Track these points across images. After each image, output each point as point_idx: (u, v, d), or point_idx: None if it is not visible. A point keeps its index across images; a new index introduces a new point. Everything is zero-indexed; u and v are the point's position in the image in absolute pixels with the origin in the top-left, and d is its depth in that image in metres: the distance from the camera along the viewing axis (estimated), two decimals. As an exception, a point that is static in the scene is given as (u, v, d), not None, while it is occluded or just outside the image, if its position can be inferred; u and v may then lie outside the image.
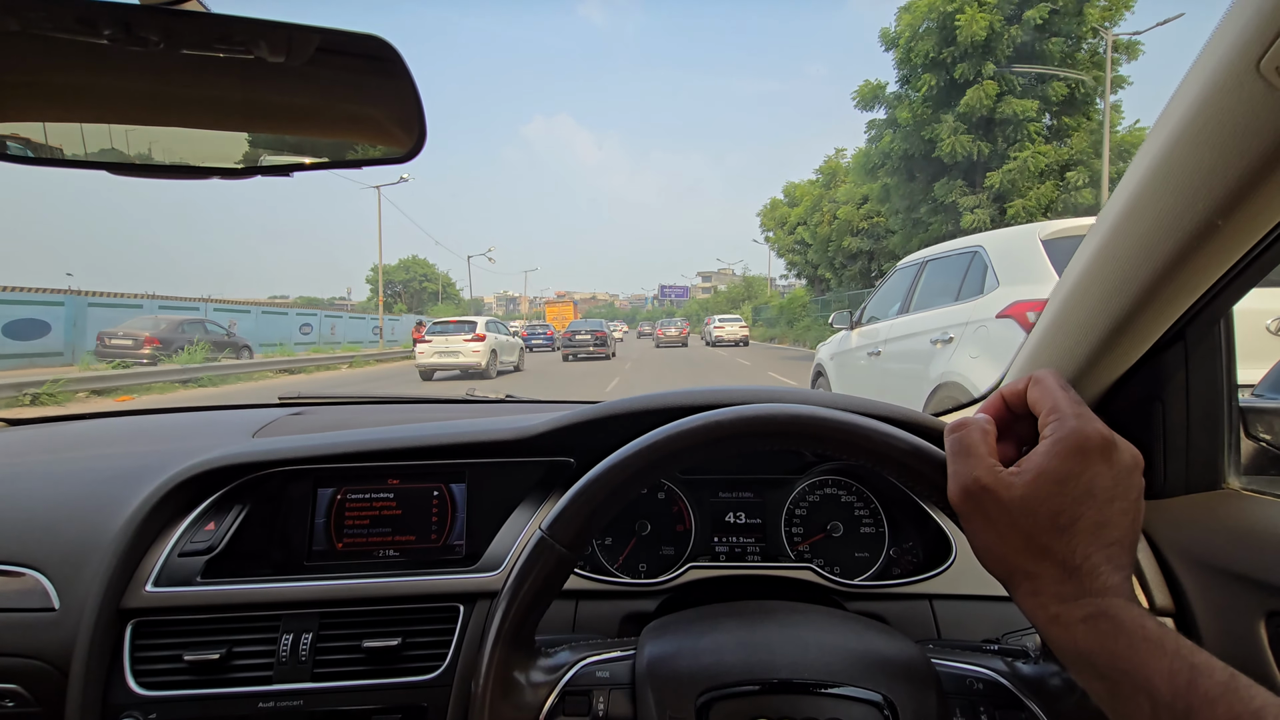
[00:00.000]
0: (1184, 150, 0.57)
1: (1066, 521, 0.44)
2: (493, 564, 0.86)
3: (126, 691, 0.76)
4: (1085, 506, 0.44)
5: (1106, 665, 0.42)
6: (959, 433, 0.50)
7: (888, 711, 0.52)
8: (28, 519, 0.88)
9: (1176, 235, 0.60)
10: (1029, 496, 0.45)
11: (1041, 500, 0.45)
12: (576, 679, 0.55)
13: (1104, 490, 0.45)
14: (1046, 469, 0.45)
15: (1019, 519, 0.45)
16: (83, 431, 1.27)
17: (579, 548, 0.55)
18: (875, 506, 0.98)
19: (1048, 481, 0.45)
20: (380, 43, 0.55)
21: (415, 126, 0.59)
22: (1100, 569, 0.44)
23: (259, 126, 0.65)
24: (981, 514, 0.47)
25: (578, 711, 0.54)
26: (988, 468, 0.47)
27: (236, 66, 0.63)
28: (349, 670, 0.79)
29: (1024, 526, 0.45)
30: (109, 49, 0.61)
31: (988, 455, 0.48)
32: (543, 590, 0.54)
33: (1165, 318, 0.71)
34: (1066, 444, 0.45)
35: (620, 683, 0.55)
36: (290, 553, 0.90)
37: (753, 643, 0.56)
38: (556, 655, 0.57)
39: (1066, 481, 0.45)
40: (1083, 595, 0.44)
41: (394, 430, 0.98)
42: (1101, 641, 0.42)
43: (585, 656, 0.57)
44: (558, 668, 0.56)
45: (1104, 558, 0.44)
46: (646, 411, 0.90)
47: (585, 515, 0.55)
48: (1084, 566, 0.44)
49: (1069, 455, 0.45)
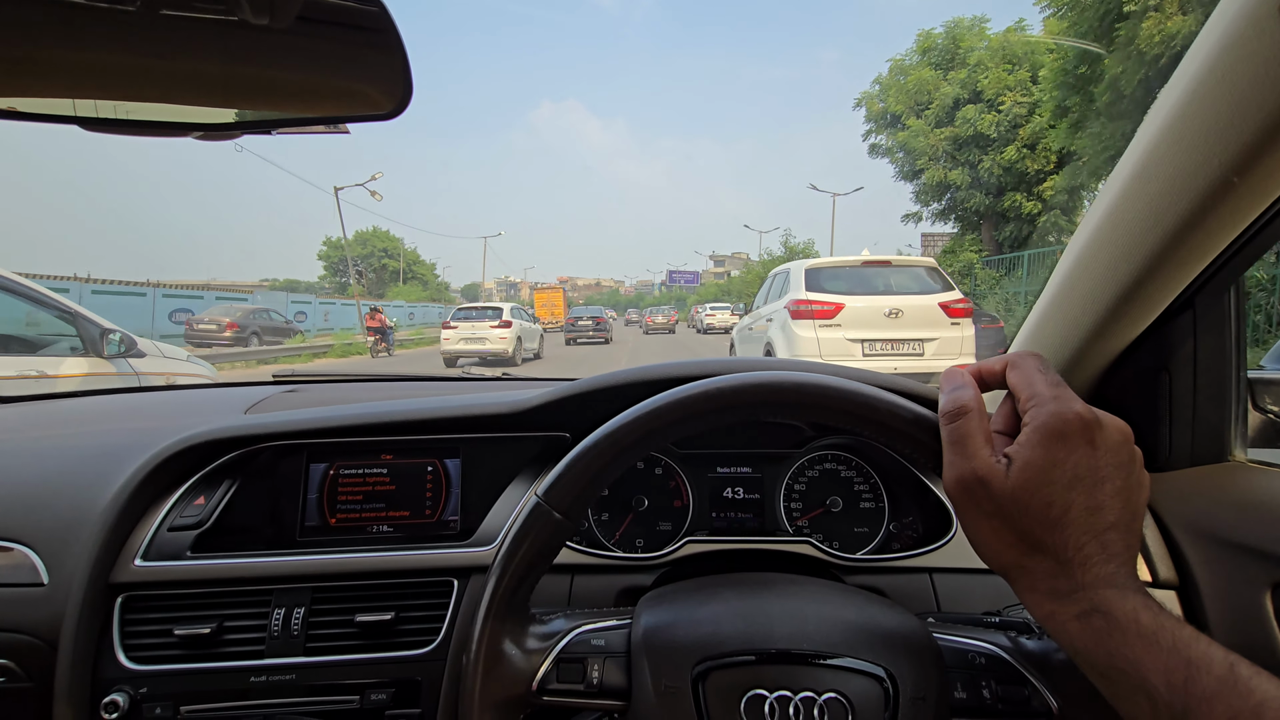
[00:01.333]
0: (1199, 105, 0.55)
1: (1058, 513, 0.43)
2: (487, 538, 0.85)
3: (116, 665, 0.76)
4: (1075, 493, 0.43)
5: (1104, 663, 0.41)
6: (956, 422, 0.48)
7: (888, 684, 0.51)
8: (16, 494, 0.87)
9: (1189, 195, 0.58)
10: (1018, 489, 0.44)
11: (1031, 493, 0.43)
12: (571, 647, 0.54)
13: (1091, 473, 0.43)
14: (1031, 460, 0.44)
15: (1011, 513, 0.44)
16: (75, 408, 1.26)
17: (575, 516, 0.54)
18: (875, 481, 0.97)
19: (1034, 473, 0.44)
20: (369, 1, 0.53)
21: (401, 83, 0.57)
22: (1093, 559, 0.43)
23: (241, 84, 0.62)
24: (976, 506, 0.46)
25: (572, 679, 0.53)
26: (984, 460, 0.45)
27: (218, 27, 0.61)
28: (342, 644, 0.78)
29: (1017, 522, 0.44)
30: (88, 9, 0.59)
31: (983, 445, 0.46)
32: (537, 558, 0.53)
33: (1174, 285, 0.69)
34: (1046, 431, 0.44)
35: (615, 651, 0.54)
36: (282, 529, 0.89)
37: (751, 613, 0.55)
38: (551, 623, 0.56)
39: (1052, 470, 0.43)
40: (1077, 589, 0.43)
41: (387, 405, 0.96)
42: (1097, 639, 0.41)
43: (580, 624, 0.56)
44: (552, 635, 0.55)
45: (1098, 546, 0.43)
46: (643, 383, 0.89)
47: (582, 482, 0.53)
48: (1076, 559, 0.43)
49: (1050, 442, 0.44)
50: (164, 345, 3.92)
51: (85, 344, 3.33)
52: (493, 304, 15.59)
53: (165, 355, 3.78)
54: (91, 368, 3.32)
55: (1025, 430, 0.45)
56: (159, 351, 3.74)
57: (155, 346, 3.73)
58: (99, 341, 3.32)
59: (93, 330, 3.34)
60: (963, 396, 0.48)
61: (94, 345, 3.32)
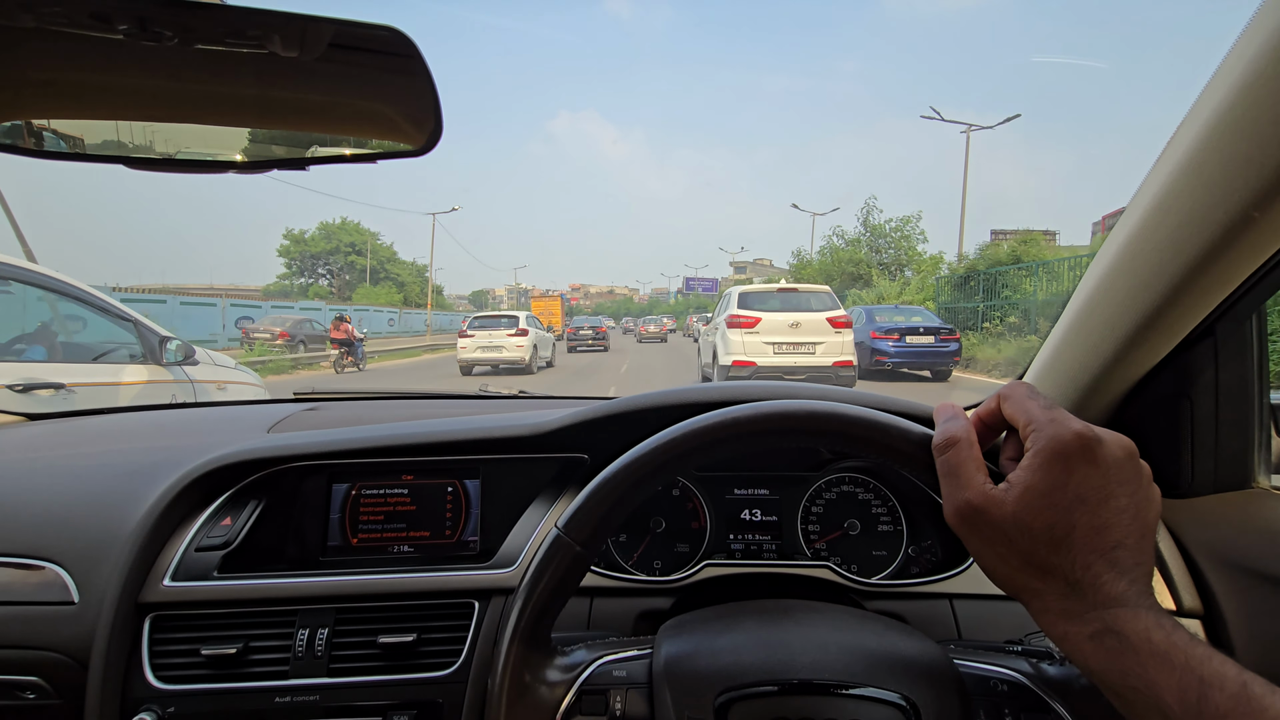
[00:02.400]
0: (1219, 141, 0.55)
1: (1062, 533, 0.43)
2: (507, 560, 0.85)
3: (145, 685, 0.77)
4: (1078, 514, 0.43)
5: (1118, 683, 0.41)
6: (946, 454, 0.48)
7: (910, 713, 0.51)
8: (47, 513, 0.89)
9: (1209, 229, 0.58)
10: (1020, 514, 0.44)
11: (1034, 515, 0.44)
12: (593, 678, 0.54)
13: (1095, 492, 0.43)
14: (1032, 484, 0.44)
15: (1015, 538, 0.44)
16: (101, 426, 1.28)
17: (594, 546, 0.55)
18: (893, 504, 0.97)
19: (1035, 496, 0.44)
20: (397, 35, 0.54)
21: (431, 120, 0.58)
22: (1103, 578, 0.43)
23: (274, 121, 0.64)
24: (978, 535, 0.46)
25: (594, 711, 0.53)
26: (977, 488, 0.46)
27: (251, 60, 0.63)
28: (365, 666, 0.79)
29: (1021, 545, 0.44)
30: (124, 45, 0.61)
31: (976, 473, 0.47)
32: (558, 589, 0.54)
33: (1196, 313, 0.69)
34: (1045, 454, 0.44)
35: (637, 682, 0.54)
36: (305, 548, 0.90)
37: (771, 642, 0.55)
38: (573, 654, 0.57)
39: (1053, 493, 0.44)
40: (1089, 610, 0.43)
41: (408, 426, 0.98)
42: (1110, 659, 0.41)
43: (602, 655, 0.56)
44: (574, 667, 0.55)
45: (1106, 564, 0.43)
46: (659, 408, 0.90)
47: (600, 513, 0.54)
48: (1085, 578, 0.43)
49: (1051, 465, 0.44)
50: (215, 354, 3.97)
51: (145, 352, 3.40)
52: (509, 312, 15.63)
53: (216, 364, 3.86)
54: (151, 375, 3.38)
55: (1026, 455, 0.46)
56: (211, 360, 3.80)
57: (208, 355, 3.79)
58: (158, 350, 3.39)
59: (152, 338, 3.41)
60: (952, 428, 0.49)
61: (153, 353, 3.39)
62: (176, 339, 3.51)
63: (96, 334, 3.53)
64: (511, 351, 14.33)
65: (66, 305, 3.29)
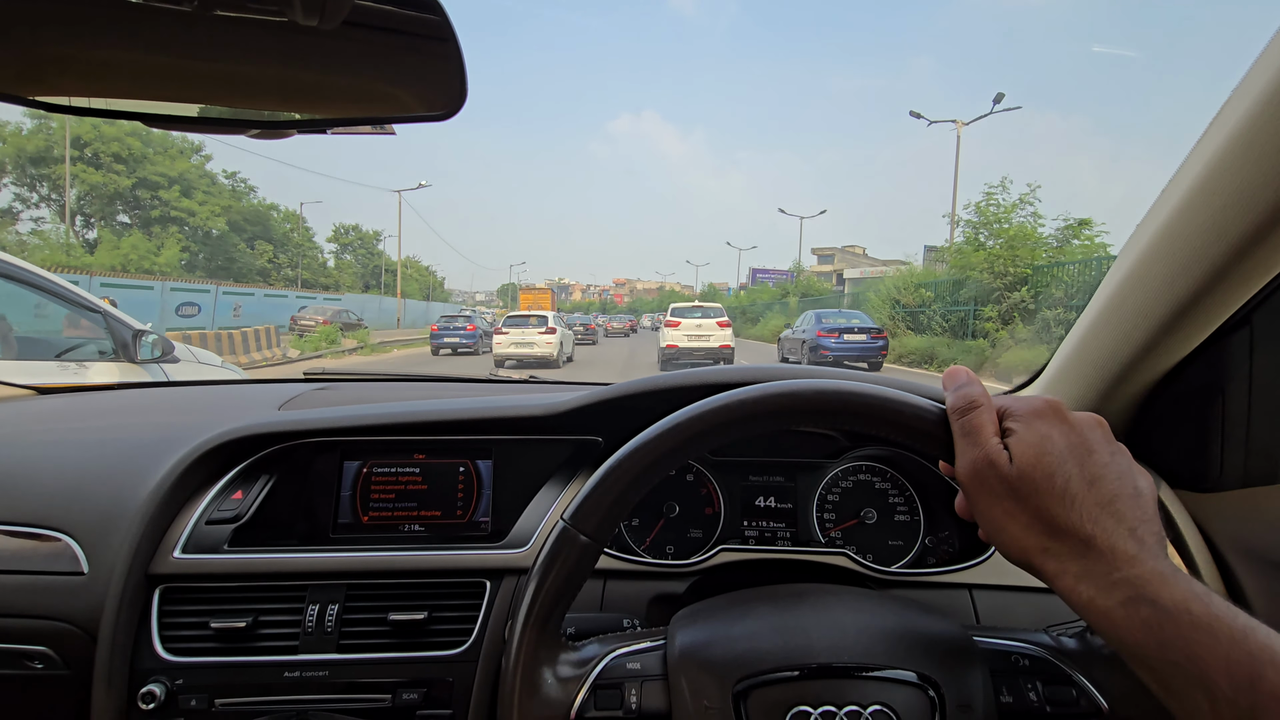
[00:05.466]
0: (1270, 118, 0.53)
1: (1062, 484, 0.44)
2: (519, 541, 0.85)
3: (154, 656, 0.76)
4: (1071, 464, 0.45)
5: (1156, 657, 0.39)
6: (968, 415, 0.49)
7: (932, 692, 0.50)
8: (58, 484, 0.89)
9: (1257, 209, 0.56)
10: (1023, 466, 0.45)
11: (1034, 466, 0.45)
12: (607, 672, 0.53)
13: (1077, 445, 0.46)
14: (1024, 437, 0.46)
15: (1022, 492, 0.45)
16: (111, 401, 1.28)
17: (603, 537, 0.53)
18: (910, 494, 0.96)
19: (1031, 449, 0.46)
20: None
21: (457, 83, 0.57)
22: (1112, 533, 0.42)
23: (295, 83, 0.63)
24: (989, 492, 0.47)
25: (609, 705, 0.51)
26: (993, 445, 0.47)
27: (272, 27, 0.62)
28: (375, 642, 0.78)
29: (1029, 501, 0.45)
30: (145, 11, 0.60)
31: (993, 435, 0.48)
32: (567, 582, 0.53)
33: (1233, 301, 0.67)
34: (1026, 415, 0.48)
35: (652, 674, 0.53)
36: (316, 524, 0.89)
37: (788, 627, 0.54)
38: (585, 648, 0.55)
39: (1045, 442, 0.46)
40: (1113, 572, 0.41)
41: (421, 404, 0.97)
42: (1147, 630, 0.39)
43: (615, 648, 0.55)
44: (586, 661, 0.54)
45: (1111, 518, 0.43)
46: (672, 389, 0.88)
47: (608, 504, 0.53)
48: (1096, 533, 0.42)
49: (1034, 420, 0.47)
50: (198, 350, 3.62)
51: (117, 347, 3.03)
52: (540, 312, 17.44)
53: (199, 361, 3.52)
54: (123, 374, 2.98)
55: (1008, 422, 0.48)
56: (193, 356, 3.48)
57: (189, 351, 3.48)
58: (131, 345, 3.02)
59: (124, 332, 3.03)
60: (972, 392, 0.50)
61: (126, 349, 3.02)
62: (153, 333, 3.13)
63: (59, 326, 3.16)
64: (542, 348, 15.82)
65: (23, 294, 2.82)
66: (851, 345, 15.09)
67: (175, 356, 3.26)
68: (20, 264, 2.78)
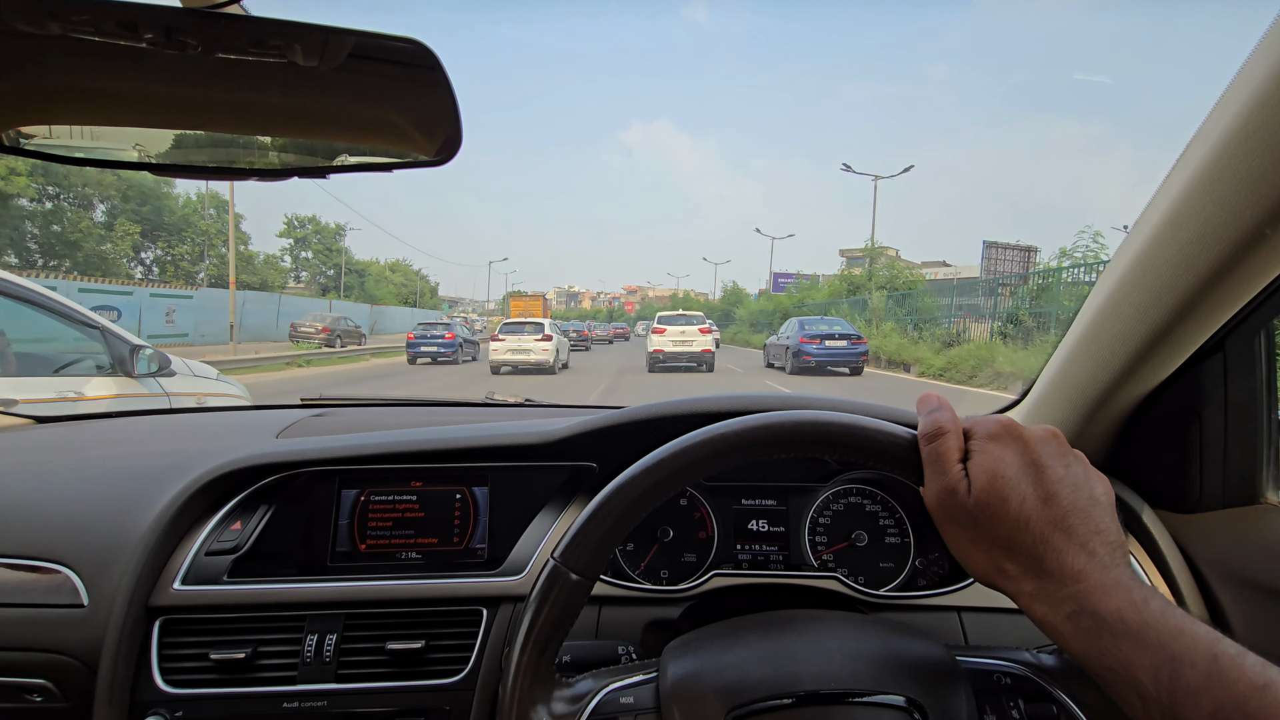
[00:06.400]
0: (1231, 157, 0.56)
1: (1016, 507, 0.46)
2: (516, 568, 0.86)
3: (154, 689, 0.77)
4: (1025, 484, 0.46)
5: (1096, 663, 0.42)
6: (934, 442, 0.50)
7: (918, 715, 0.51)
8: (57, 515, 0.89)
9: (1221, 245, 0.59)
10: (979, 494, 0.47)
11: (989, 492, 0.46)
12: (601, 707, 0.54)
13: (1031, 464, 0.47)
14: (980, 463, 0.48)
15: (981, 519, 0.47)
16: (109, 430, 1.29)
17: (593, 573, 0.54)
18: (900, 516, 0.97)
19: (986, 476, 0.47)
20: (418, 47, 0.55)
21: (451, 131, 0.59)
22: (1063, 551, 0.44)
23: (295, 130, 0.65)
24: (951, 519, 0.49)
25: None
26: (955, 474, 0.49)
27: (273, 70, 0.64)
28: (373, 672, 0.79)
29: (987, 527, 0.47)
30: (148, 54, 0.62)
31: (956, 463, 0.49)
32: (559, 621, 0.54)
33: (1205, 328, 0.70)
34: (983, 438, 0.49)
35: (645, 707, 0.54)
36: (314, 553, 0.90)
37: (777, 655, 0.55)
38: (578, 685, 0.56)
39: (999, 464, 0.47)
40: (1059, 588, 0.44)
41: (417, 432, 0.98)
42: (1088, 640, 0.42)
43: (608, 683, 0.56)
44: (580, 698, 0.54)
45: (1062, 535, 0.45)
46: (668, 418, 0.90)
47: (596, 541, 0.54)
48: (1045, 553, 0.44)
49: (989, 446, 0.48)
50: (194, 363, 3.61)
51: (114, 362, 3.03)
52: (535, 319, 17.40)
53: (196, 374, 3.52)
54: (120, 388, 3.00)
55: (970, 444, 0.49)
56: (189, 370, 3.48)
57: (186, 365, 3.47)
58: (129, 359, 3.03)
59: (122, 347, 3.03)
60: (940, 418, 0.51)
61: (123, 364, 3.02)
62: (150, 347, 3.14)
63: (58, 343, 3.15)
64: (538, 355, 15.86)
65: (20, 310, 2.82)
66: (833, 351, 15.61)
67: (172, 370, 3.27)
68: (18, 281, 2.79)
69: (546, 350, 15.81)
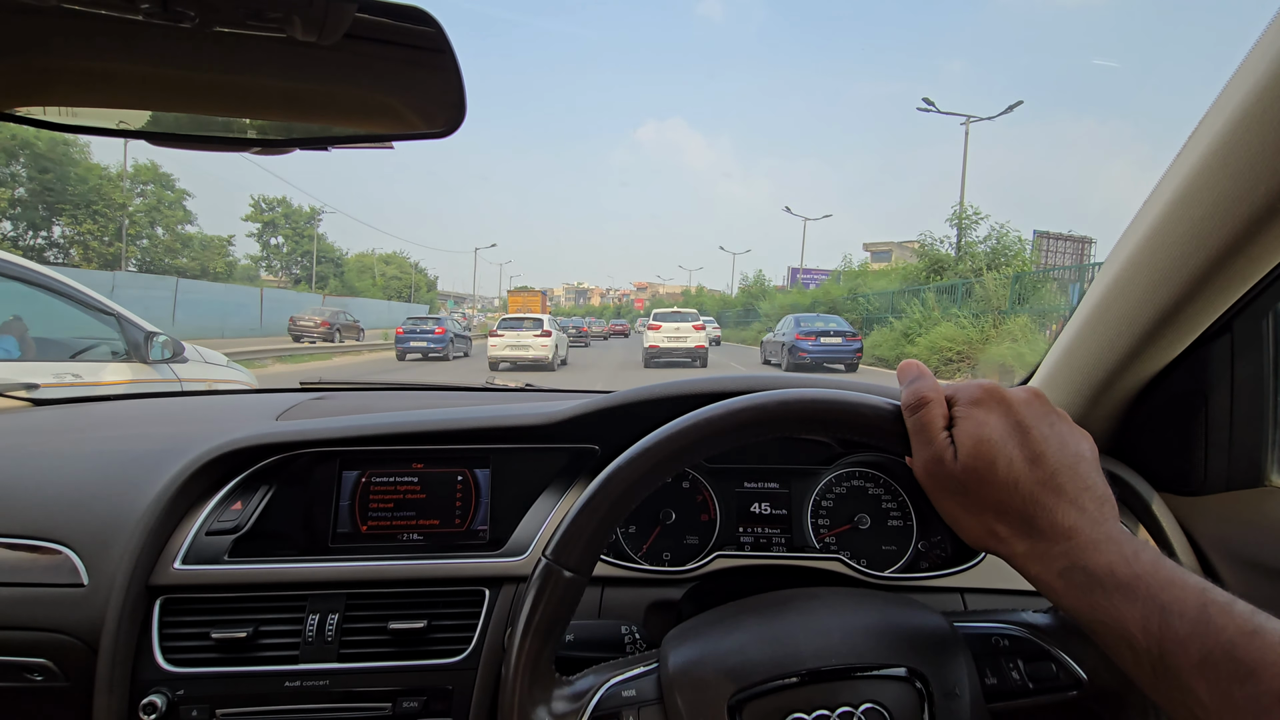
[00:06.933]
0: (1245, 132, 0.55)
1: (1004, 469, 0.46)
2: (518, 549, 0.85)
3: (155, 667, 0.77)
4: (1012, 446, 0.46)
5: (1089, 618, 0.42)
6: (918, 412, 0.50)
7: (920, 684, 0.52)
8: (57, 496, 0.89)
9: (1233, 221, 0.58)
10: (966, 459, 0.47)
11: (977, 457, 0.46)
12: (603, 702, 0.53)
13: (1015, 426, 0.47)
14: (966, 429, 0.48)
15: (970, 484, 0.47)
16: (108, 413, 1.28)
17: (585, 569, 0.54)
18: (903, 499, 0.97)
19: (972, 441, 0.47)
20: (420, 13, 0.54)
21: (456, 102, 0.58)
22: (1054, 510, 0.44)
23: (295, 102, 0.64)
24: (943, 488, 0.49)
25: None
26: (941, 442, 0.49)
27: (271, 43, 0.63)
28: (375, 651, 0.79)
29: (977, 492, 0.47)
30: (145, 27, 0.61)
31: (941, 431, 0.49)
32: (555, 618, 0.53)
33: (1214, 309, 0.69)
34: (967, 404, 0.49)
35: (648, 699, 0.53)
36: (314, 534, 0.90)
37: (776, 636, 0.55)
38: (579, 681, 0.55)
39: (984, 428, 0.47)
40: (1053, 546, 0.44)
41: (419, 414, 0.98)
42: (1080, 595, 0.43)
43: (609, 677, 0.55)
44: (581, 694, 0.54)
45: (1051, 493, 0.45)
46: (668, 398, 0.89)
47: (587, 536, 0.54)
48: (1036, 512, 0.45)
49: (974, 410, 0.48)
50: (205, 350, 3.67)
51: (129, 348, 3.11)
52: (534, 315, 17.44)
53: (206, 361, 3.57)
54: (134, 374, 3.08)
55: (954, 410, 0.50)
56: (200, 357, 3.53)
57: (197, 352, 3.52)
58: (143, 346, 3.11)
59: (136, 334, 3.12)
60: (922, 387, 0.51)
61: (137, 350, 3.11)
62: (163, 334, 3.22)
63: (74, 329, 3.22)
64: (537, 350, 15.71)
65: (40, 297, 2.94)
66: (828, 348, 15.79)
67: (185, 357, 3.34)
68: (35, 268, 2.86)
69: (546, 346, 15.73)
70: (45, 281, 2.88)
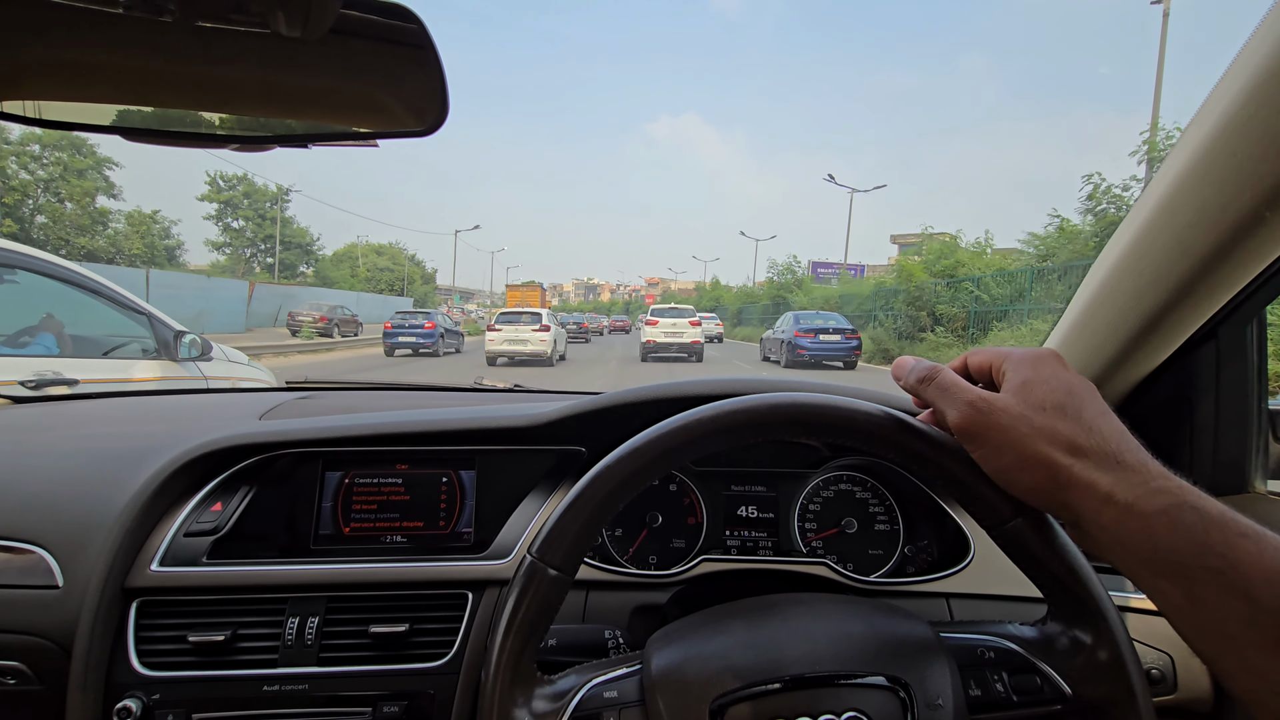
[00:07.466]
0: (1230, 140, 0.55)
1: (1067, 399, 0.45)
2: (502, 552, 0.84)
3: (130, 671, 0.75)
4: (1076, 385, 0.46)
5: (1194, 563, 0.38)
6: (934, 380, 0.51)
7: (903, 693, 0.51)
8: (32, 495, 0.87)
9: (1218, 228, 0.58)
10: (1026, 400, 0.46)
11: (1040, 398, 0.46)
12: (584, 703, 0.53)
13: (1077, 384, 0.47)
14: (1026, 376, 0.47)
15: (1033, 421, 0.45)
16: (87, 411, 1.26)
17: (571, 568, 0.54)
18: (890, 504, 0.97)
19: (1031, 385, 0.46)
20: (404, 10, 0.53)
21: (438, 100, 0.57)
22: (1140, 453, 0.43)
23: (276, 99, 0.63)
24: (990, 439, 0.47)
25: None
26: (976, 393, 0.48)
27: (253, 39, 0.62)
28: (355, 655, 0.78)
29: (1042, 428, 0.45)
30: (125, 20, 0.60)
31: (969, 386, 0.49)
32: (539, 617, 0.53)
33: (1199, 315, 0.69)
34: (1030, 359, 0.49)
35: (630, 700, 0.53)
36: (296, 536, 0.88)
37: (760, 641, 0.55)
38: (560, 681, 0.55)
39: (1042, 367, 0.47)
40: (1150, 480, 0.41)
41: (404, 415, 0.97)
42: (1189, 536, 0.39)
43: (591, 678, 0.55)
44: (563, 694, 0.53)
45: (1129, 442, 0.44)
46: (655, 401, 0.89)
47: (573, 535, 0.53)
48: (1125, 449, 0.43)
49: (1037, 364, 0.48)
50: (229, 349, 3.74)
51: (159, 346, 3.21)
52: (533, 309, 16.96)
53: (230, 359, 3.65)
54: (164, 371, 3.18)
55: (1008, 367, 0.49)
56: (224, 355, 3.60)
57: (222, 351, 3.60)
58: (172, 344, 3.21)
59: (166, 333, 3.22)
60: (925, 364, 0.53)
61: (167, 348, 3.21)
62: (191, 333, 3.32)
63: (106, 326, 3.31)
64: (536, 345, 15.47)
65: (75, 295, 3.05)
66: (827, 345, 15.91)
67: (211, 356, 3.42)
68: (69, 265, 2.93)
69: (544, 341, 15.52)
70: (78, 279, 2.96)
